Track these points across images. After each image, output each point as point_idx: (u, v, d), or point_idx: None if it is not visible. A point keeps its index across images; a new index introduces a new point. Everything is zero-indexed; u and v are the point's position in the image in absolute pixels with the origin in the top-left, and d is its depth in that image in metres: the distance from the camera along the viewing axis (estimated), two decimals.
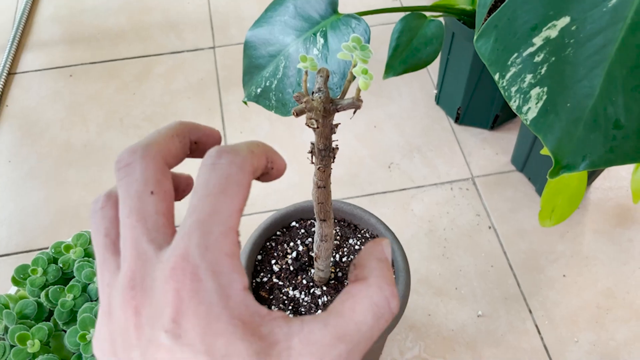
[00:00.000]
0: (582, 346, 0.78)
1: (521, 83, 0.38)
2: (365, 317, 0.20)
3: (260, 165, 0.23)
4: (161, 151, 0.22)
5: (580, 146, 0.38)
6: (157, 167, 0.22)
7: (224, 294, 0.19)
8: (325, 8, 0.63)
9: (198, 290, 0.19)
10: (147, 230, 0.20)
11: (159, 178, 0.21)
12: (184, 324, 0.18)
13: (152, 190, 0.21)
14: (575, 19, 0.36)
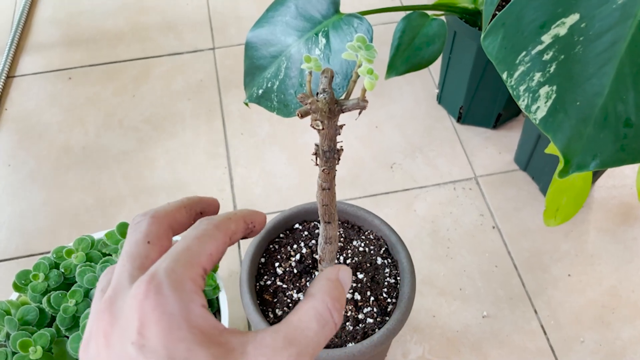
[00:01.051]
0: (588, 346, 0.77)
1: (530, 82, 0.37)
2: (310, 324, 0.23)
3: (239, 228, 0.27)
4: (167, 216, 0.26)
5: (591, 145, 0.37)
6: (160, 227, 0.25)
7: (184, 307, 0.21)
8: (327, 8, 0.63)
9: (161, 303, 0.21)
10: (131, 268, 0.23)
11: (159, 234, 0.25)
12: (147, 334, 0.20)
13: (149, 240, 0.25)
14: (584, 16, 0.36)
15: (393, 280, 0.63)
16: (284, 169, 0.95)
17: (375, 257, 0.65)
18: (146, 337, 0.20)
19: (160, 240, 0.25)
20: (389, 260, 0.65)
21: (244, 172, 0.95)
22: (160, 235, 0.25)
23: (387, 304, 0.62)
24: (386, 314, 0.61)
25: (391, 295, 0.62)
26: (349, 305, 0.61)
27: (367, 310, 0.61)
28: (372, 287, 0.63)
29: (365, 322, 0.60)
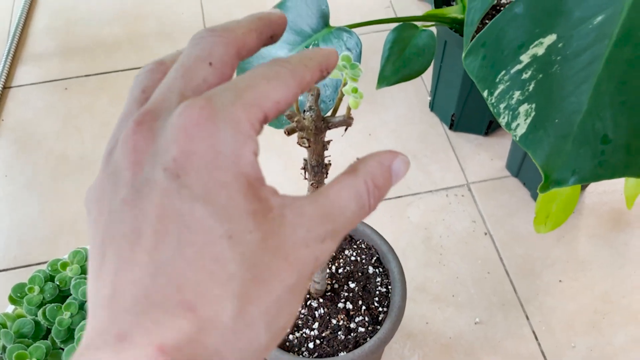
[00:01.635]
0: (579, 351, 0.78)
1: (510, 100, 0.38)
2: (350, 202, 0.20)
3: (313, 78, 0.22)
4: (237, 40, 0.21)
5: (570, 161, 0.38)
6: (227, 49, 0.21)
7: (237, 149, 0.18)
8: (317, 22, 0.64)
9: (211, 135, 0.17)
10: (184, 86, 0.19)
11: (224, 58, 0.20)
12: (186, 165, 0.17)
13: (212, 62, 0.20)
14: (561, 37, 0.37)
15: (384, 289, 0.64)
16: (279, 179, 0.96)
17: (367, 266, 0.66)
18: (184, 168, 0.17)
19: (224, 66, 0.20)
20: (380, 269, 0.66)
21: None
22: (225, 60, 0.20)
23: (379, 313, 0.62)
24: (377, 322, 0.62)
25: (382, 304, 0.63)
26: (340, 315, 0.62)
27: (358, 319, 0.62)
28: (364, 296, 0.64)
29: (357, 331, 0.61)
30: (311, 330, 0.61)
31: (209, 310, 0.17)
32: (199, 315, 0.17)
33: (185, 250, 0.17)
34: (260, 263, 0.18)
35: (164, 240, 0.17)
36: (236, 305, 0.17)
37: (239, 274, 0.17)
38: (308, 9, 0.64)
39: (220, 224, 0.17)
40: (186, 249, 0.17)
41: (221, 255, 0.17)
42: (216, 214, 0.17)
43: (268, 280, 0.18)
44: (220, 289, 0.17)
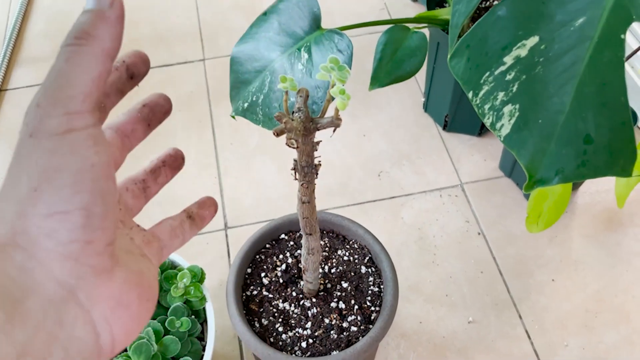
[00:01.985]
0: (572, 350, 0.78)
1: (494, 101, 0.39)
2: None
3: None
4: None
5: (553, 161, 0.39)
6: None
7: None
8: (308, 24, 0.64)
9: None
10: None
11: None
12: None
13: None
14: (543, 38, 0.37)
15: (377, 288, 0.65)
16: (273, 179, 0.97)
17: (360, 266, 0.66)
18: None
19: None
20: (372, 269, 0.66)
21: (234, 182, 0.96)
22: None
23: (371, 312, 0.63)
24: (370, 322, 0.62)
25: (375, 303, 0.64)
26: (333, 314, 0.63)
27: (351, 318, 0.62)
28: (356, 295, 0.64)
29: (350, 330, 0.62)
30: (304, 329, 0.62)
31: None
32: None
33: None
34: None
35: None
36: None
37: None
38: (300, 11, 0.65)
39: None
40: None
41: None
42: None
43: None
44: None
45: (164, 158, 0.31)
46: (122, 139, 0.28)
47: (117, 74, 0.27)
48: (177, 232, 0.29)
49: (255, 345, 0.59)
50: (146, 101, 0.29)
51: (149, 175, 0.30)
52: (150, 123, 0.29)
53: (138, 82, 0.27)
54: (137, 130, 0.28)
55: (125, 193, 0.28)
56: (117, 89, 0.26)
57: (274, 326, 0.62)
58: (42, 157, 0.20)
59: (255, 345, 0.59)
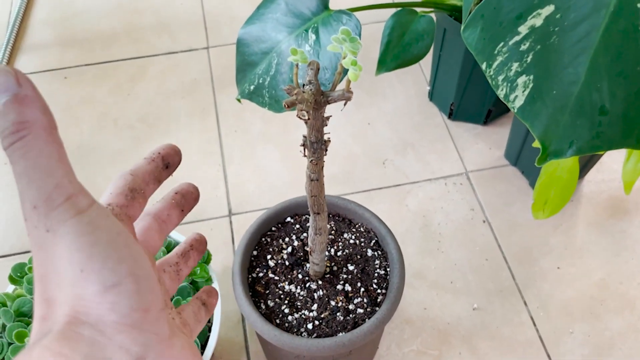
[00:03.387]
0: (576, 337, 0.78)
1: (508, 72, 0.39)
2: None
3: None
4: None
5: (567, 132, 0.38)
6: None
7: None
8: (316, 4, 0.64)
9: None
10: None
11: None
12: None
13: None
14: (559, 7, 0.37)
15: (383, 271, 0.65)
16: (277, 166, 0.96)
17: (366, 249, 0.66)
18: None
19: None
20: (379, 252, 0.66)
21: (237, 170, 0.96)
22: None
23: (377, 295, 0.63)
24: (376, 304, 0.62)
25: (381, 286, 0.63)
26: (339, 296, 0.62)
27: (357, 300, 0.62)
28: (363, 278, 0.64)
29: (356, 312, 0.61)
30: (310, 311, 0.61)
31: None
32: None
33: None
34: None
35: None
36: None
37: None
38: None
39: None
40: None
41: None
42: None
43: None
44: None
45: (191, 242, 0.33)
46: (159, 224, 0.30)
47: (154, 164, 0.29)
48: (198, 318, 0.31)
49: (262, 326, 0.58)
50: (178, 189, 0.32)
51: (181, 258, 0.32)
52: (183, 209, 0.31)
53: (172, 172, 0.30)
54: (172, 215, 0.31)
55: (163, 275, 0.30)
56: (154, 177, 0.29)
57: (280, 308, 0.62)
58: (71, 241, 0.21)
59: (261, 326, 0.58)
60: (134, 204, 0.27)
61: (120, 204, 0.27)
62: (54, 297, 0.21)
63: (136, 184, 0.28)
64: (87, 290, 0.21)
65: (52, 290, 0.21)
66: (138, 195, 0.27)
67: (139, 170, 0.28)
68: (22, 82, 0.21)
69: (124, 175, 0.28)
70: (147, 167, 0.28)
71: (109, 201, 0.27)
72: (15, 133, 0.21)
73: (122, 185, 0.27)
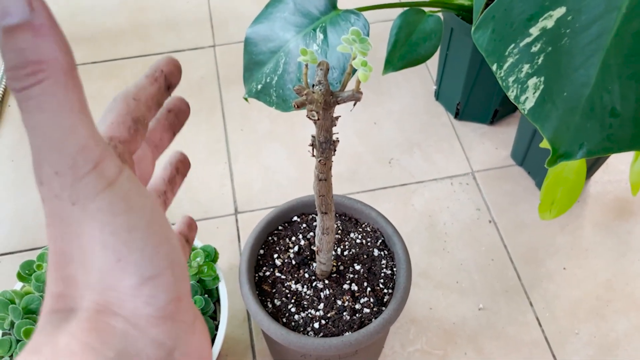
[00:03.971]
0: (582, 338, 0.78)
1: (518, 73, 0.38)
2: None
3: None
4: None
5: (577, 134, 0.38)
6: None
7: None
8: (324, 4, 0.64)
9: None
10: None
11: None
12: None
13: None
14: (571, 9, 0.37)
15: (389, 271, 0.65)
16: (283, 165, 0.96)
17: (372, 249, 0.66)
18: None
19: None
20: (385, 252, 0.66)
21: (243, 168, 0.96)
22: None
23: (384, 295, 0.63)
24: (382, 304, 0.62)
25: (387, 285, 0.63)
26: (346, 296, 0.62)
27: (363, 300, 0.62)
28: (369, 278, 0.64)
29: (362, 312, 0.61)
30: (317, 310, 0.62)
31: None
32: None
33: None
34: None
35: None
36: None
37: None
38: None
39: None
40: None
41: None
42: None
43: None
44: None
45: (176, 165, 0.29)
46: (152, 150, 0.27)
47: (157, 86, 0.25)
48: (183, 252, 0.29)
49: (269, 324, 0.58)
50: (170, 106, 0.28)
51: (168, 185, 0.28)
52: (175, 130, 0.28)
53: (171, 93, 0.26)
54: (164, 139, 0.27)
55: None
56: (157, 101, 0.25)
57: (287, 307, 0.62)
58: (105, 222, 0.18)
59: (268, 325, 0.58)
60: (137, 138, 0.23)
61: (123, 139, 0.22)
62: (76, 277, 0.19)
63: (140, 113, 0.23)
64: (123, 282, 0.19)
65: (75, 269, 0.19)
66: (141, 125, 0.23)
67: (142, 93, 0.24)
68: (35, 6, 0.16)
69: (126, 98, 0.23)
70: (151, 89, 0.24)
71: (110, 133, 0.22)
72: (30, 76, 0.16)
73: (124, 114, 0.23)
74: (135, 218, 0.19)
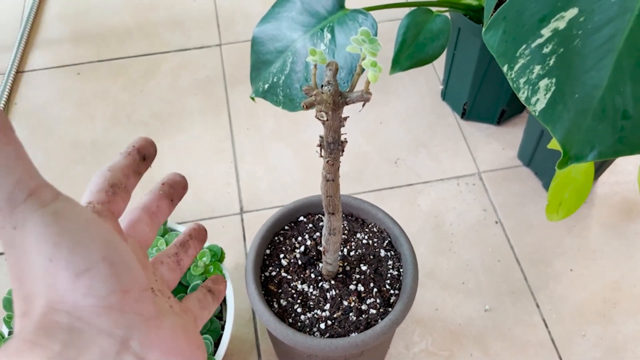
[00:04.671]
0: (589, 339, 0.78)
1: (530, 74, 0.38)
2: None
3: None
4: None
5: (589, 137, 0.38)
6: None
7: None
8: (332, 3, 0.64)
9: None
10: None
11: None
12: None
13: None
14: (583, 10, 0.37)
15: (396, 272, 0.64)
16: (289, 164, 0.96)
17: (379, 250, 0.66)
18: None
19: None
20: (392, 252, 0.66)
21: (249, 167, 0.96)
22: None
23: (390, 296, 0.63)
24: (389, 305, 0.62)
25: (394, 286, 0.63)
26: (352, 296, 0.62)
27: (370, 301, 0.62)
28: (375, 278, 0.64)
29: (369, 312, 0.61)
30: (323, 311, 0.61)
31: None
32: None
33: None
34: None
35: None
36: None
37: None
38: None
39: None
40: None
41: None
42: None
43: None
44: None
45: (190, 232, 0.33)
46: (149, 216, 0.30)
47: (131, 158, 0.29)
48: (204, 304, 0.31)
49: (275, 325, 0.58)
50: (164, 180, 0.31)
51: (180, 248, 0.32)
52: (172, 198, 0.31)
53: (150, 164, 0.29)
54: (162, 206, 0.30)
55: (161, 266, 0.30)
56: (133, 170, 0.28)
57: (293, 307, 0.62)
58: (38, 234, 0.21)
59: (274, 325, 0.58)
60: (116, 199, 0.27)
61: (101, 201, 0.26)
62: (31, 292, 0.21)
63: (116, 179, 0.27)
64: (59, 277, 0.21)
65: (29, 287, 0.21)
66: (119, 190, 0.27)
67: (117, 165, 0.28)
68: None
69: (102, 172, 0.27)
70: (124, 161, 0.28)
71: (89, 199, 0.26)
72: None
73: (101, 182, 0.27)
74: (66, 224, 0.21)
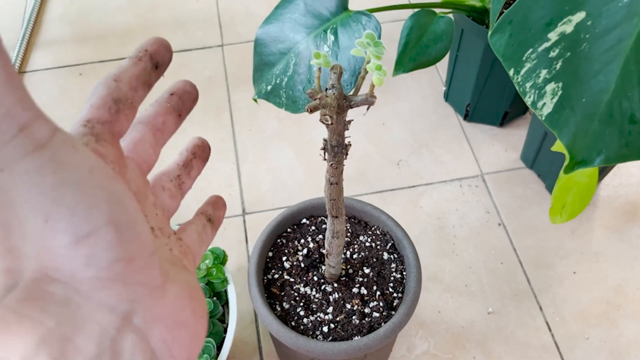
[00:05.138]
0: (592, 342, 0.77)
1: (536, 78, 0.38)
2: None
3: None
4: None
5: (596, 141, 0.38)
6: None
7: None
8: (335, 5, 0.63)
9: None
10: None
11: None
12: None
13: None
14: (590, 14, 0.36)
15: (399, 275, 0.64)
16: (291, 165, 0.96)
17: (382, 252, 0.66)
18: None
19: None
20: (395, 255, 0.65)
21: (251, 168, 0.96)
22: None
23: (393, 299, 0.62)
24: (392, 308, 0.62)
25: (397, 290, 0.63)
26: (355, 299, 0.62)
27: (373, 304, 0.62)
28: (379, 281, 0.64)
29: (372, 316, 0.61)
30: (325, 314, 0.61)
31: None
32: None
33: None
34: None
35: None
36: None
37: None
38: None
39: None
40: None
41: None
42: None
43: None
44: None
45: (193, 149, 0.29)
46: (154, 134, 0.26)
47: (142, 65, 0.24)
48: (203, 238, 0.27)
49: (277, 328, 0.58)
50: (173, 89, 0.27)
51: (183, 169, 0.27)
52: (180, 113, 0.27)
53: (163, 72, 0.25)
54: (168, 122, 0.26)
55: (162, 193, 0.26)
56: (143, 81, 0.24)
57: (295, 310, 0.61)
58: (31, 184, 0.17)
59: (277, 329, 0.58)
60: (120, 118, 0.22)
61: (102, 120, 0.22)
62: (18, 248, 0.18)
63: (122, 93, 0.23)
64: (55, 242, 0.17)
65: (16, 241, 0.18)
66: (124, 106, 0.23)
67: (125, 74, 0.23)
68: None
69: (107, 81, 0.23)
70: (134, 69, 0.24)
71: (88, 117, 0.22)
72: None
73: (104, 95, 0.22)
74: (65, 176, 0.17)
